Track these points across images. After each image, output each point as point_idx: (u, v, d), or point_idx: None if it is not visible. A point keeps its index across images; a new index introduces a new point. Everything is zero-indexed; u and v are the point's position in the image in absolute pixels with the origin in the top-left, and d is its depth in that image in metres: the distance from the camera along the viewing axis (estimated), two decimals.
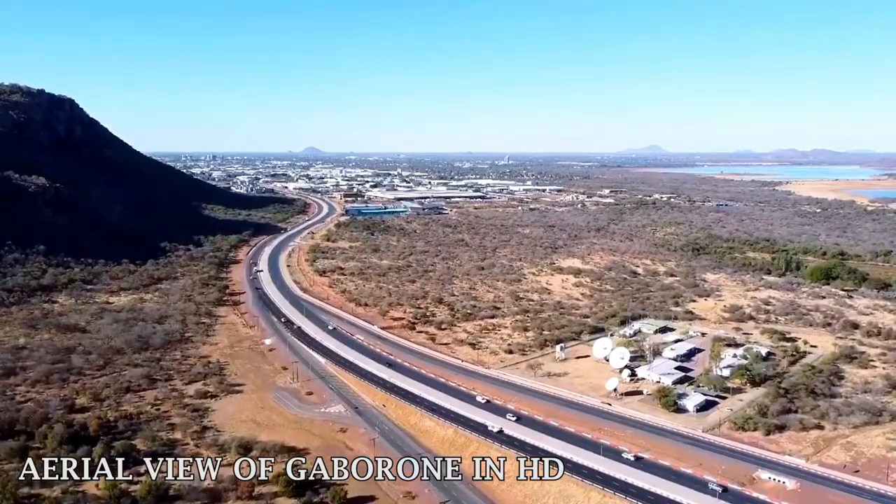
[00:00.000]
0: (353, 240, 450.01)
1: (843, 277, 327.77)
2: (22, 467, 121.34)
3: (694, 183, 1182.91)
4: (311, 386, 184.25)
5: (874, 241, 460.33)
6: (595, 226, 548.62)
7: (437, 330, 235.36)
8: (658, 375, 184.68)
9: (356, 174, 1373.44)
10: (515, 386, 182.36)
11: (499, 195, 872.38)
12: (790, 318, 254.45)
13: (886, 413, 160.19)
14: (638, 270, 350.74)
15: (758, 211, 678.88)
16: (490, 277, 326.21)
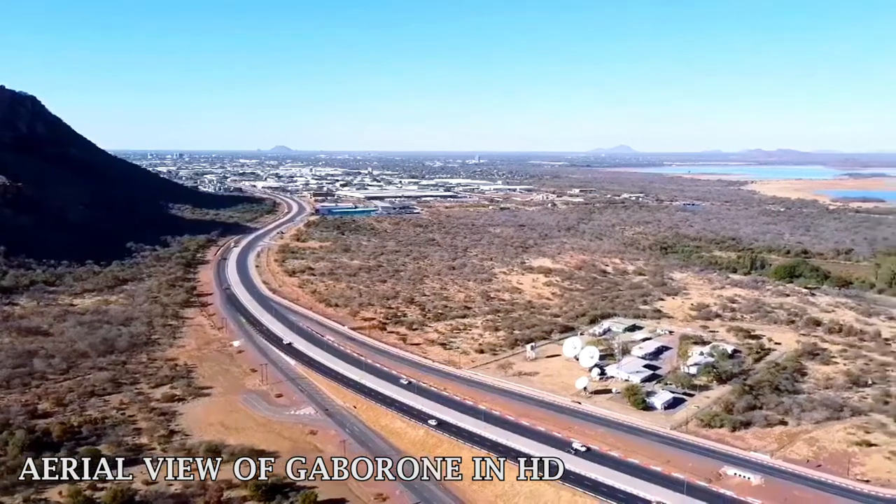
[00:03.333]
0: (324, 240, 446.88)
1: (807, 275, 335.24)
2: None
3: (662, 182, 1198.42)
4: (280, 388, 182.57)
5: (836, 239, 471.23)
6: (565, 225, 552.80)
7: (409, 330, 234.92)
8: (627, 374, 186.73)
9: (326, 173, 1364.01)
10: (487, 386, 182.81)
11: (470, 194, 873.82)
12: (755, 316, 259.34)
13: (847, 408, 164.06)
14: (607, 269, 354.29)
15: (724, 210, 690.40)
16: (461, 277, 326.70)
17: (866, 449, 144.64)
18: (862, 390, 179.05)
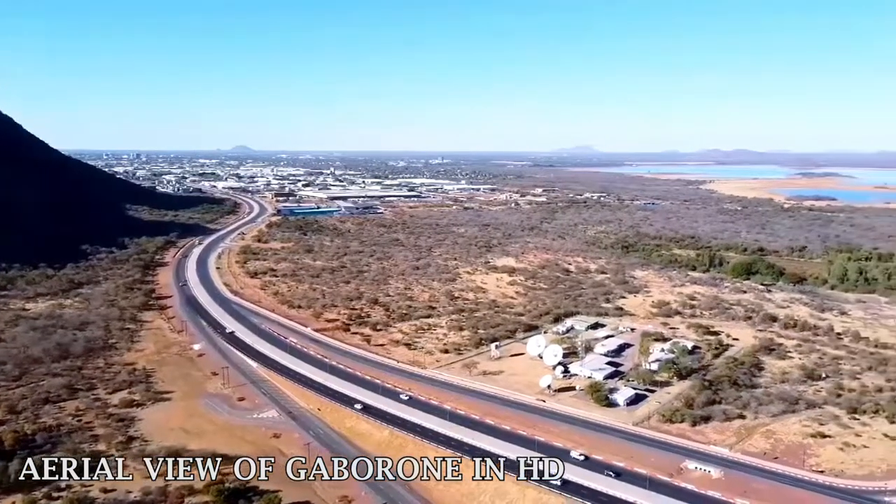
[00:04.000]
0: (286, 240, 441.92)
1: (763, 272, 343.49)
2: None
3: (623, 182, 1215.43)
4: (242, 391, 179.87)
5: (790, 237, 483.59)
6: (528, 225, 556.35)
7: (373, 331, 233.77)
8: (590, 371, 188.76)
9: (288, 173, 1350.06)
10: (452, 385, 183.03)
11: (433, 194, 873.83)
12: (714, 313, 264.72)
13: (802, 402, 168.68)
14: (570, 268, 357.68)
15: (683, 209, 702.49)
16: (425, 277, 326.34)
17: (820, 440, 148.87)
18: (816, 384, 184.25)
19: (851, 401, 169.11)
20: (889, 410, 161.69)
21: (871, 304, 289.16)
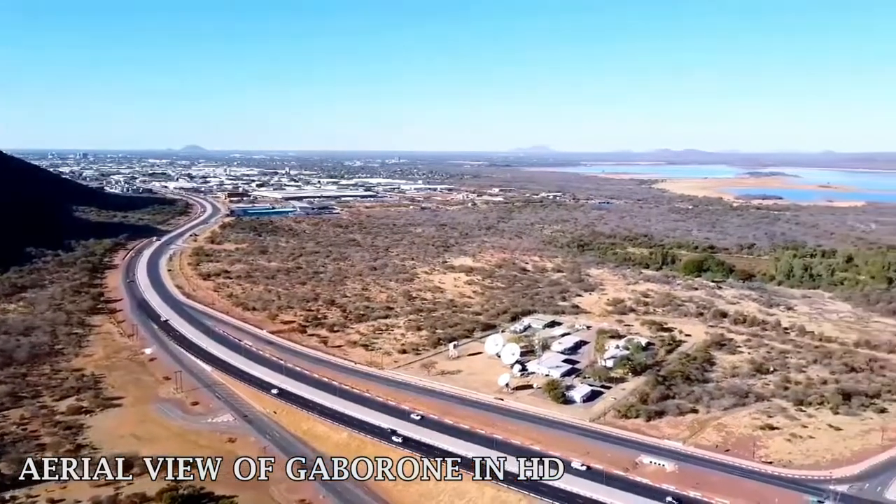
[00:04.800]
0: (240, 241, 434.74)
1: (713, 270, 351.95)
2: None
3: (578, 182, 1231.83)
4: (196, 395, 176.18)
5: (739, 235, 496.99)
6: (486, 224, 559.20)
7: (330, 332, 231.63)
8: (547, 369, 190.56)
9: (242, 173, 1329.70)
10: (410, 386, 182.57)
11: (390, 194, 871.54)
12: (667, 310, 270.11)
13: (752, 395, 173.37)
14: (527, 267, 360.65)
15: (636, 208, 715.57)
16: (383, 277, 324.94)
17: (769, 432, 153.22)
18: (765, 377, 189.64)
19: (798, 393, 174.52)
20: (833, 402, 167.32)
21: (816, 299, 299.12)
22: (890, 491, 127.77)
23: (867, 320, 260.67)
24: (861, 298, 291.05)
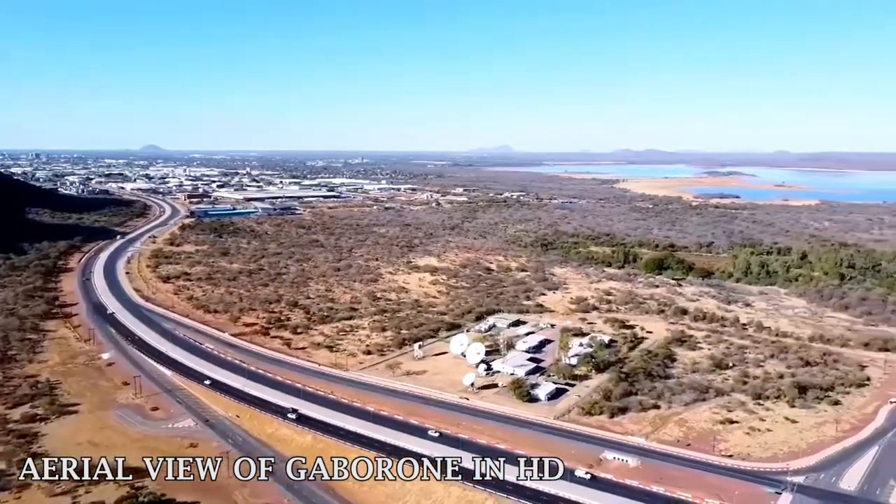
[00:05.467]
0: (200, 243, 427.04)
1: (674, 267, 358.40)
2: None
3: (542, 181, 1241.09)
4: (156, 401, 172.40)
5: (698, 233, 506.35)
6: (450, 224, 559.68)
7: (293, 334, 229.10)
8: (512, 368, 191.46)
9: (202, 173, 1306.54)
10: (375, 387, 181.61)
11: (354, 194, 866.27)
12: (629, 307, 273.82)
13: (712, 390, 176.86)
14: (491, 267, 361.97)
15: (599, 207, 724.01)
16: (347, 278, 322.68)
17: (729, 426, 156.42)
18: (724, 372, 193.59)
19: (756, 387, 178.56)
20: (789, 395, 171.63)
21: (772, 295, 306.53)
22: (843, 480, 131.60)
23: (821, 315, 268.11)
24: (815, 294, 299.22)
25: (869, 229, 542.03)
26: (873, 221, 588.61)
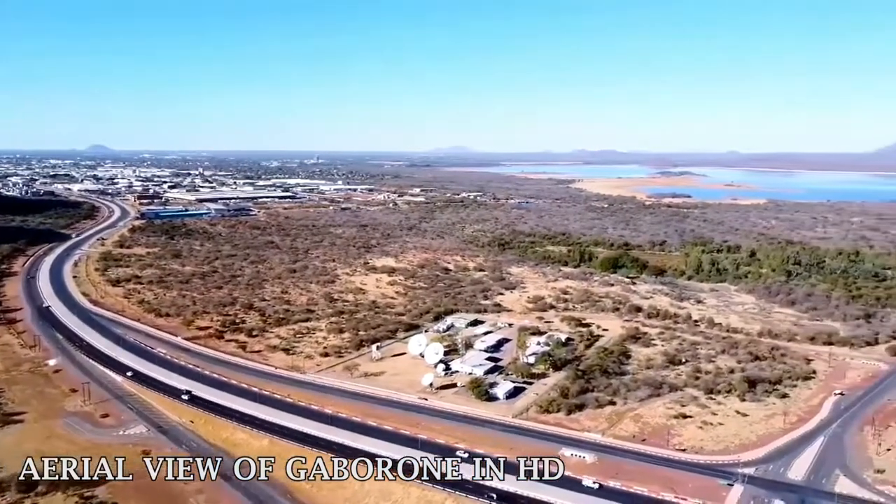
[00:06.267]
0: (151, 245, 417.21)
1: (628, 266, 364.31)
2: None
3: (498, 182, 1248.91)
4: (106, 407, 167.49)
5: (652, 232, 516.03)
6: (407, 224, 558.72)
7: (248, 337, 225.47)
8: (471, 367, 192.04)
9: (152, 174, 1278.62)
10: (332, 389, 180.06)
11: (309, 195, 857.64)
12: (585, 306, 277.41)
13: (666, 385, 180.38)
14: (449, 267, 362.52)
15: (555, 207, 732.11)
16: (303, 280, 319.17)
17: (682, 421, 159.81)
18: (677, 368, 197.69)
19: (708, 382, 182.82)
20: (740, 389, 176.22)
21: (723, 292, 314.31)
22: (791, 471, 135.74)
23: (769, 311, 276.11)
24: (763, 291, 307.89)
25: (813, 227, 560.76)
26: (817, 220, 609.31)
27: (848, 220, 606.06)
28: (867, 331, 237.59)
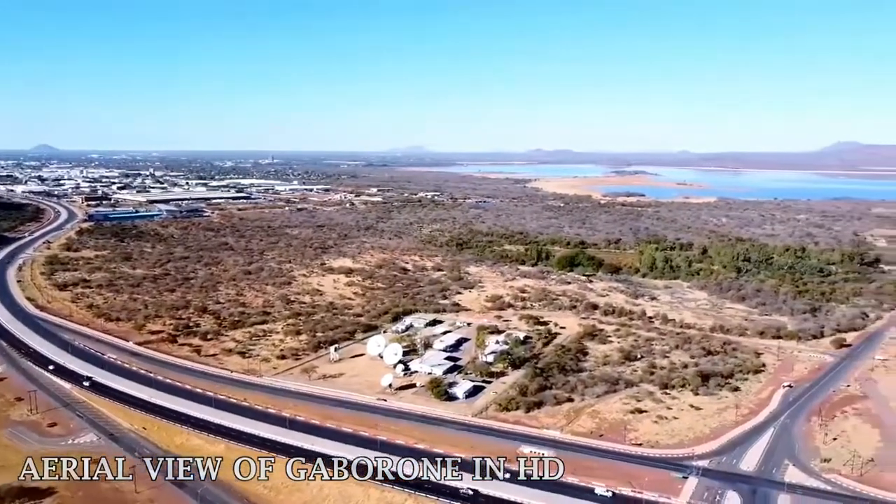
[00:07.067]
0: (100, 248, 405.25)
1: (584, 264, 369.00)
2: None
3: (455, 181, 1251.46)
4: (54, 416, 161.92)
5: (607, 230, 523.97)
6: (364, 224, 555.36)
7: (203, 341, 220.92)
8: (430, 367, 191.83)
9: (100, 175, 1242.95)
10: (290, 392, 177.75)
11: (264, 195, 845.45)
12: (543, 304, 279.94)
13: (622, 381, 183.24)
14: (407, 267, 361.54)
15: (512, 206, 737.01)
16: (258, 282, 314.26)
17: (638, 416, 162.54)
18: (633, 364, 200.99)
19: (663, 377, 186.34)
20: (693, 384, 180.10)
21: (676, 288, 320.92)
22: (743, 462, 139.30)
23: (721, 307, 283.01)
24: (715, 287, 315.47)
25: (762, 225, 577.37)
26: (766, 218, 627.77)
27: (794, 218, 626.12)
28: (813, 324, 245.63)
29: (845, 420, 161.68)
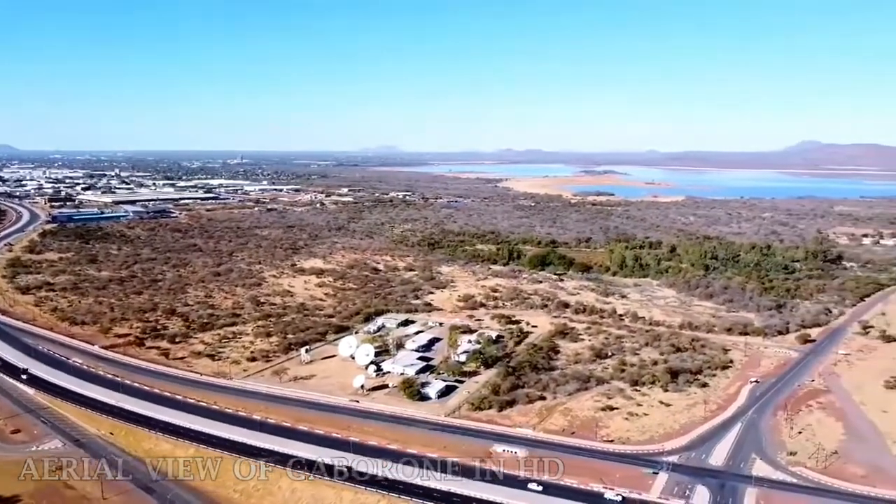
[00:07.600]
0: (64, 250, 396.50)
1: (555, 263, 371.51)
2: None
3: (427, 181, 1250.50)
4: (17, 422, 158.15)
5: (578, 229, 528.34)
6: (335, 225, 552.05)
7: (171, 344, 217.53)
8: (402, 367, 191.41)
9: (64, 175, 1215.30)
10: (261, 394, 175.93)
11: (233, 196, 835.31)
12: (515, 303, 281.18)
13: (593, 379, 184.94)
14: (379, 267, 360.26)
15: (483, 206, 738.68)
16: (228, 283, 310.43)
17: (609, 413, 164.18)
18: (604, 362, 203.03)
19: (633, 374, 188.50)
20: (663, 380, 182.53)
21: (646, 287, 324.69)
22: (712, 457, 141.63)
23: (689, 304, 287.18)
24: (683, 285, 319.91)
25: (729, 223, 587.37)
26: (732, 216, 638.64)
27: (760, 216, 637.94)
28: (779, 321, 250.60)
29: (810, 414, 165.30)
